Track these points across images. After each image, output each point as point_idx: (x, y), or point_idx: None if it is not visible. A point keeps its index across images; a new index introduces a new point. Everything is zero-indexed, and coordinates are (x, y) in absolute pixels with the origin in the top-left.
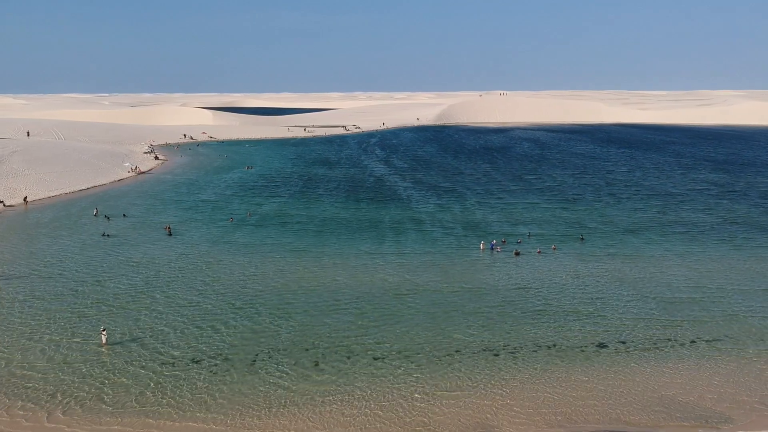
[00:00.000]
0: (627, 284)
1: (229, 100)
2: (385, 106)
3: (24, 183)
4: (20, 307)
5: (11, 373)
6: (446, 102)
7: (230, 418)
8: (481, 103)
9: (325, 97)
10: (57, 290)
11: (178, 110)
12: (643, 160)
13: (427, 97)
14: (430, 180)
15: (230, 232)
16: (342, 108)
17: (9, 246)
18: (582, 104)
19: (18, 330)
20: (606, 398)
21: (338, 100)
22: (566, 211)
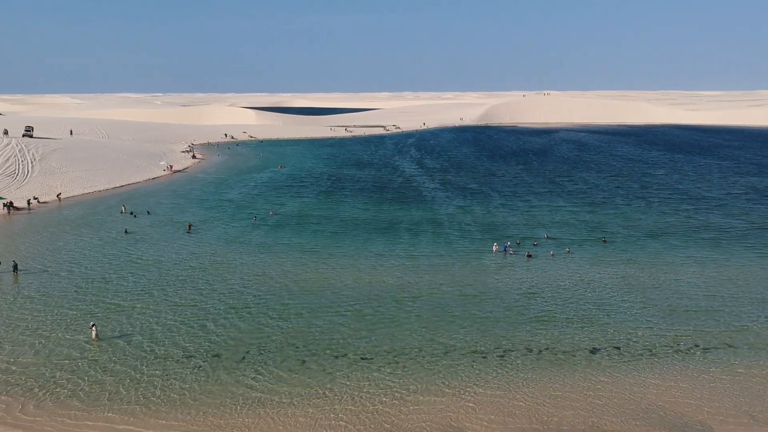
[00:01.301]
0: (636, 290)
1: (278, 100)
2: (429, 106)
3: (60, 180)
4: (23, 301)
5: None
6: (492, 102)
7: (193, 416)
8: (525, 104)
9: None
10: (64, 286)
11: (224, 110)
12: (684, 163)
13: (474, 97)
14: (459, 181)
15: (247, 232)
16: (386, 108)
17: (34, 241)
18: (628, 105)
19: (14, 323)
20: (586, 404)
21: (385, 100)
22: (591, 215)
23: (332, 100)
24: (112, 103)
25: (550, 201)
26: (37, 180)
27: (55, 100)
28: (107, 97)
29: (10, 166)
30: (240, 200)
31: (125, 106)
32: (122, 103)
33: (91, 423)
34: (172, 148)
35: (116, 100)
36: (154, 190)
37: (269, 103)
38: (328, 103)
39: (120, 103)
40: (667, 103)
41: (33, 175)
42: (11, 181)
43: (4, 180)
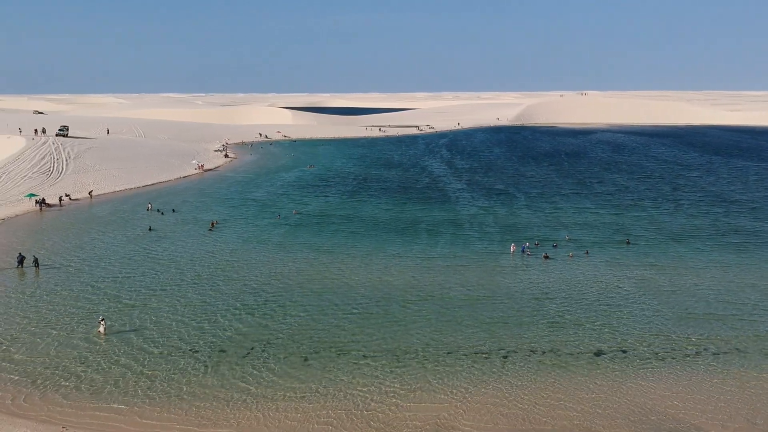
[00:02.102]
0: (652, 294)
1: (316, 100)
2: (466, 106)
3: (93, 178)
4: (38, 295)
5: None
6: (530, 102)
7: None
8: (562, 104)
9: (411, 97)
10: (80, 282)
11: (261, 110)
12: (720, 165)
13: (513, 97)
14: (486, 182)
15: (268, 231)
16: (422, 108)
17: (60, 237)
18: (668, 105)
19: (27, 317)
20: (583, 406)
21: (424, 100)
22: (616, 217)
23: (370, 100)
24: (153, 103)
25: (576, 203)
26: (70, 177)
27: (99, 99)
28: (150, 97)
29: (46, 164)
30: (265, 199)
31: (166, 106)
32: (163, 103)
33: (90, 414)
34: (206, 147)
35: (158, 100)
36: (183, 188)
37: (307, 103)
38: (365, 103)
39: (161, 103)
40: (708, 103)
41: (67, 173)
42: (45, 179)
43: (38, 177)
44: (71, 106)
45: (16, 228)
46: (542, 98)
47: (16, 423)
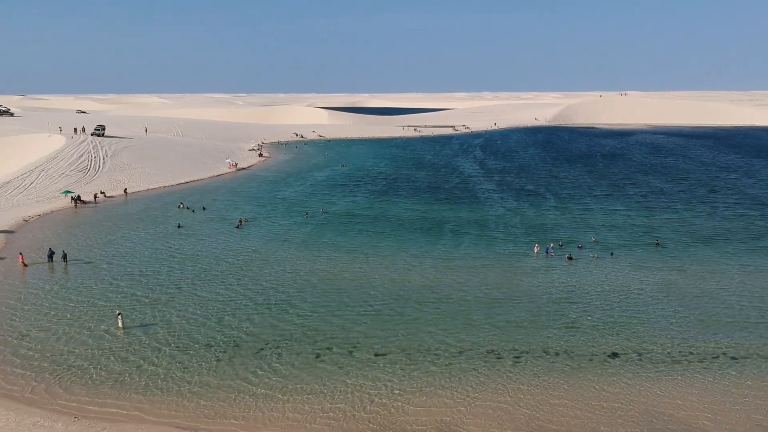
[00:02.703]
0: (675, 298)
1: (354, 100)
2: (503, 106)
3: (128, 176)
4: (61, 290)
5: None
6: (569, 102)
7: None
8: (601, 104)
9: (450, 97)
10: (105, 277)
11: (298, 110)
12: (761, 167)
13: (553, 98)
14: (517, 183)
15: (294, 230)
16: (459, 108)
17: (92, 233)
18: (710, 106)
19: (48, 310)
20: (590, 409)
21: (463, 100)
22: (647, 219)
23: (409, 100)
24: (194, 103)
25: (607, 205)
26: (106, 175)
27: (143, 99)
28: (192, 97)
29: (83, 162)
30: (294, 198)
31: (206, 106)
32: (205, 103)
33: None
34: (241, 147)
35: (200, 100)
36: (216, 186)
37: (346, 103)
38: (403, 103)
39: (202, 103)
40: (753, 103)
41: (103, 171)
42: (82, 176)
43: (75, 175)
44: (115, 105)
45: (51, 224)
46: (581, 98)
47: (30, 412)
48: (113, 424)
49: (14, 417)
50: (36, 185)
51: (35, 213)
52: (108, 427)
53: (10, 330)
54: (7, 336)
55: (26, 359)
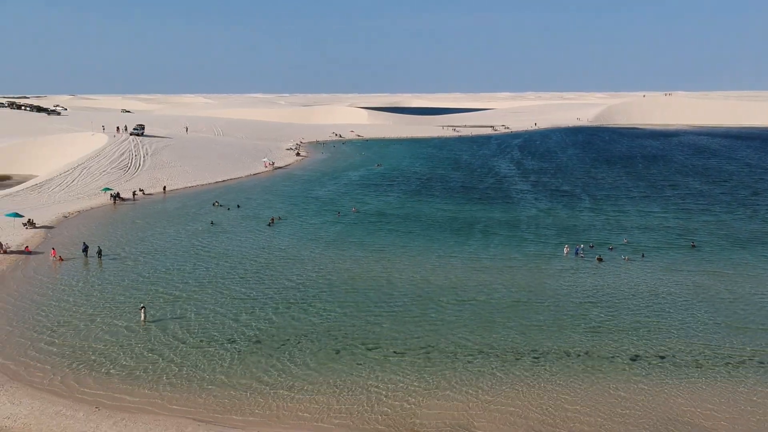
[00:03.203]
0: (706, 302)
1: (396, 100)
2: (545, 106)
3: (167, 174)
4: (93, 284)
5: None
6: (611, 102)
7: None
8: (644, 104)
9: (493, 97)
10: (134, 272)
11: (338, 110)
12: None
13: (597, 98)
14: (553, 183)
15: (324, 228)
16: (499, 108)
17: (127, 229)
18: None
19: (77, 304)
20: (606, 412)
21: (505, 100)
22: (683, 221)
23: (450, 100)
24: (237, 103)
25: (643, 206)
26: (146, 173)
27: (188, 99)
28: (236, 98)
29: (124, 160)
30: (327, 197)
31: (249, 106)
32: (247, 103)
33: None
34: (279, 146)
35: (243, 100)
36: (252, 185)
37: (387, 103)
38: (445, 103)
39: (245, 103)
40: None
41: (144, 169)
42: (123, 174)
43: (116, 172)
44: (160, 105)
45: (89, 220)
46: (624, 98)
47: (53, 401)
48: (131, 415)
49: (38, 405)
50: (77, 182)
51: (75, 209)
52: (126, 417)
53: (37, 322)
54: (34, 328)
55: (50, 351)
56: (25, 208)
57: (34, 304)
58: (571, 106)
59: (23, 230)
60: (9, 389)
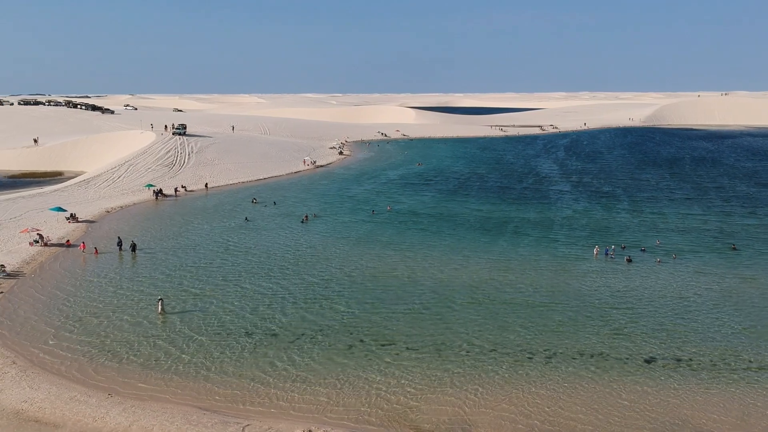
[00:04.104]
0: (736, 306)
1: (447, 100)
2: (599, 106)
3: (210, 171)
4: (121, 277)
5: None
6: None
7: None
8: (699, 104)
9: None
10: (167, 266)
11: (387, 109)
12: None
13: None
14: (594, 184)
15: (355, 227)
16: (550, 108)
17: (165, 224)
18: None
19: (102, 296)
20: (612, 414)
21: (559, 100)
22: (726, 224)
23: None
24: (289, 102)
25: (685, 208)
26: (190, 170)
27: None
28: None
29: (169, 157)
30: (364, 195)
31: (299, 105)
32: (299, 103)
33: (134, 384)
34: (323, 145)
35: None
36: (291, 183)
37: (438, 103)
38: (496, 103)
39: (296, 103)
40: None
41: (188, 166)
42: (167, 171)
43: (161, 169)
44: (214, 105)
45: (130, 215)
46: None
47: (70, 387)
48: (141, 402)
49: (55, 391)
50: (123, 179)
51: (118, 205)
52: (136, 405)
53: (63, 311)
54: (60, 317)
55: (72, 339)
56: (71, 203)
57: (64, 294)
58: (624, 106)
59: (66, 224)
60: (30, 374)
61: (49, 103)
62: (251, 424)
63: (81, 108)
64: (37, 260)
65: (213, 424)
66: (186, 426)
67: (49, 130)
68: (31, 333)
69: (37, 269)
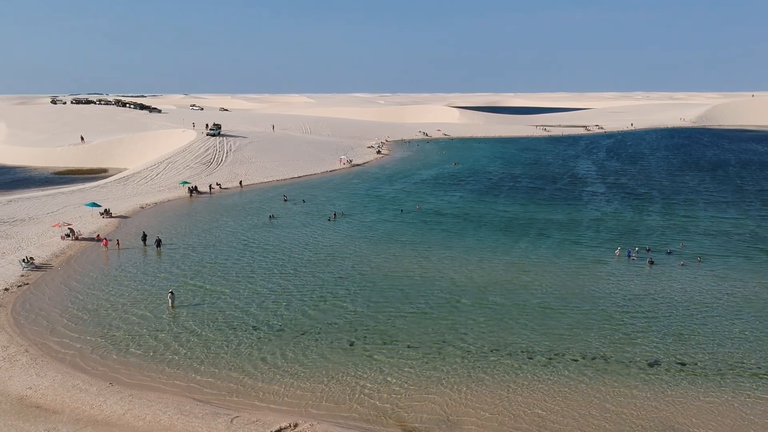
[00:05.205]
0: (757, 312)
1: (495, 99)
2: (649, 106)
3: (246, 169)
4: (140, 271)
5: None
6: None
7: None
8: (753, 104)
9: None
10: (188, 261)
11: (431, 109)
12: None
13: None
14: (629, 186)
15: (378, 226)
16: (599, 107)
17: (194, 221)
18: None
19: (117, 288)
20: (602, 417)
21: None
22: (760, 228)
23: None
24: (336, 102)
25: (719, 212)
26: (226, 168)
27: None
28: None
29: (208, 155)
30: (395, 194)
31: (346, 105)
32: (346, 102)
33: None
34: (362, 144)
35: (343, 99)
36: (324, 181)
37: (486, 102)
38: (544, 103)
39: (344, 102)
40: None
41: (225, 164)
42: (204, 168)
43: (199, 167)
44: (262, 104)
45: (162, 211)
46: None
47: (74, 375)
48: (139, 392)
49: (60, 379)
50: (161, 176)
51: (152, 201)
52: (134, 394)
53: (81, 303)
54: (77, 308)
55: (84, 330)
56: (108, 199)
57: (85, 287)
58: (675, 106)
59: (100, 219)
60: (39, 363)
61: (100, 102)
62: (240, 415)
63: (129, 107)
64: (66, 254)
65: (204, 414)
66: (177, 416)
67: (99, 128)
68: (47, 323)
69: (65, 262)
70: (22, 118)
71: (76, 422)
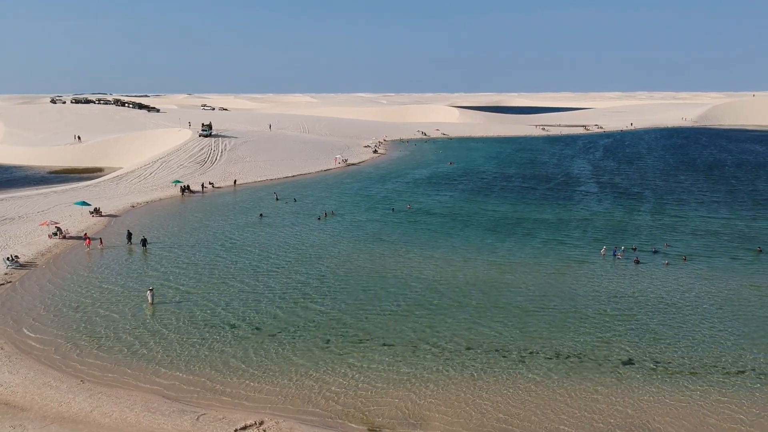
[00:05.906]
0: (738, 312)
1: (498, 99)
2: (651, 105)
3: (240, 168)
4: (123, 270)
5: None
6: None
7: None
8: (753, 104)
9: (602, 97)
10: (172, 261)
11: (432, 108)
12: None
13: (711, 98)
14: (623, 184)
15: (367, 225)
16: (600, 107)
17: (183, 220)
18: None
19: (98, 287)
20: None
21: (613, 100)
22: (750, 228)
23: (556, 99)
24: (337, 102)
25: (710, 212)
26: (221, 167)
27: (293, 98)
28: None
29: (202, 155)
30: (386, 194)
31: (348, 105)
32: (348, 102)
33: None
34: (359, 143)
35: (346, 99)
36: (317, 181)
37: (488, 102)
38: (546, 102)
39: (346, 102)
40: None
41: (219, 163)
42: (198, 167)
43: (192, 166)
44: (264, 104)
45: (152, 210)
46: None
47: (46, 372)
48: (109, 389)
49: (32, 376)
50: (155, 175)
51: (144, 200)
52: (104, 392)
53: (62, 301)
54: (57, 306)
55: (63, 326)
56: (100, 198)
57: (67, 285)
58: (677, 106)
59: (89, 218)
60: (14, 360)
61: (99, 102)
62: (207, 413)
63: (128, 106)
64: (52, 252)
65: (171, 412)
66: (144, 413)
67: (97, 127)
68: (26, 321)
69: (50, 261)
70: (20, 118)
71: (42, 419)
